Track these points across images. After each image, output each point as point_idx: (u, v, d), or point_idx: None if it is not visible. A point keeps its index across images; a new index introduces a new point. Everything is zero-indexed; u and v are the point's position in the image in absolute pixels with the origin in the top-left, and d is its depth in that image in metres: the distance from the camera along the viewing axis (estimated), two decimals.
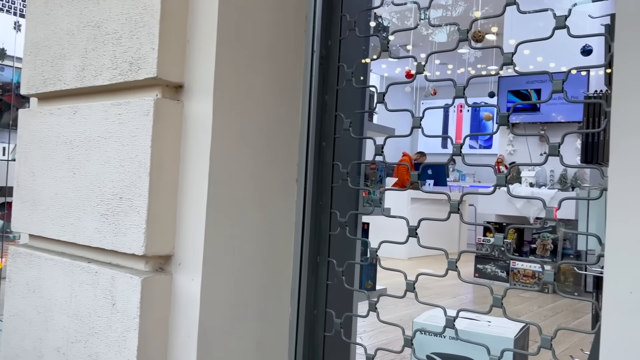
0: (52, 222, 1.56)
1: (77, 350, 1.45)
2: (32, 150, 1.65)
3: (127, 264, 1.38)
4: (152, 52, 1.31)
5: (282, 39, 1.46)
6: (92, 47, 1.47)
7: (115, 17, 1.41)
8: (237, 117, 1.36)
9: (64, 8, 1.57)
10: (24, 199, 1.68)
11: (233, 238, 1.36)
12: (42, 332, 1.57)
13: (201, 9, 1.34)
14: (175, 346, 1.34)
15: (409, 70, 8.26)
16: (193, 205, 1.33)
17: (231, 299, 1.37)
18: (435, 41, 9.28)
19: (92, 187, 1.44)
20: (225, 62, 1.32)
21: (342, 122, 1.48)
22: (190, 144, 1.35)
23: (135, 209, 1.33)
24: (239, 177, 1.37)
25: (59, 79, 1.57)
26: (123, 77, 1.37)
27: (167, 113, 1.33)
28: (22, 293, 1.65)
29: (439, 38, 9.28)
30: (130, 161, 1.34)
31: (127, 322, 1.32)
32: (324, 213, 1.52)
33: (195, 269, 1.31)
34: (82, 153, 1.47)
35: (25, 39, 1.71)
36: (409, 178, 5.26)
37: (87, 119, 1.47)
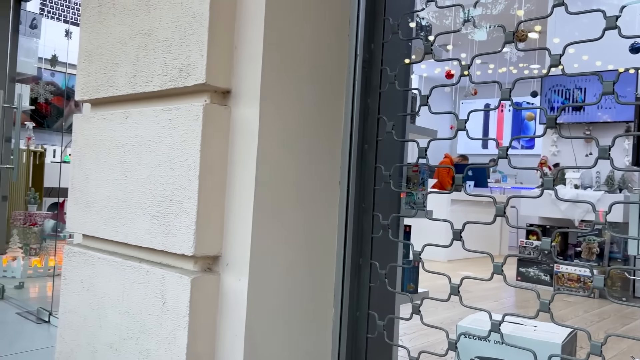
0: (105, 222, 1.63)
1: (128, 346, 1.51)
2: (86, 154, 1.73)
3: (177, 264, 1.43)
4: (201, 59, 1.35)
5: (326, 44, 1.48)
6: (143, 54, 1.52)
7: (165, 25, 1.46)
8: (281, 121, 1.39)
9: (116, 17, 1.63)
10: (78, 201, 1.75)
11: (278, 240, 1.39)
12: (95, 328, 1.63)
13: (248, 15, 1.37)
14: (223, 345, 1.38)
15: (449, 71, 8.17)
16: (240, 208, 1.37)
17: (276, 299, 1.39)
18: (475, 40, 9.14)
19: (144, 190, 1.49)
20: (270, 67, 1.35)
21: (385, 124, 1.49)
22: (237, 148, 1.38)
23: (185, 211, 1.37)
24: (283, 179, 1.40)
25: (112, 86, 1.63)
26: (173, 84, 1.42)
27: (216, 118, 1.37)
28: (76, 291, 1.73)
29: (478, 37, 9.14)
30: (180, 164, 1.39)
31: (177, 321, 1.37)
32: (366, 215, 1.53)
33: (242, 270, 1.35)
34: (134, 157, 1.53)
35: (79, 47, 1.79)
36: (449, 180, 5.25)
37: (138, 124, 1.53)
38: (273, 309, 1.39)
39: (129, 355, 1.51)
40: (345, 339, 1.50)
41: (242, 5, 1.39)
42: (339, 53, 1.51)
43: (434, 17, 8.36)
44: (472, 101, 11.59)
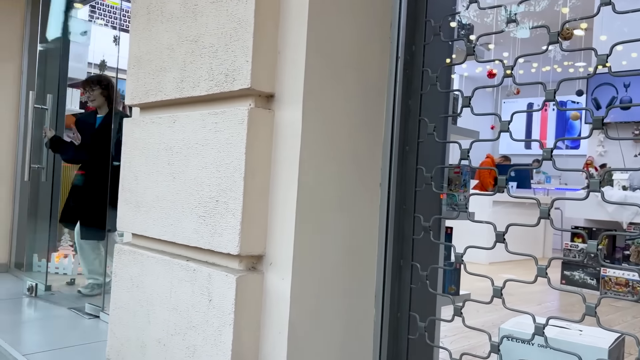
0: (153, 222, 1.69)
1: (176, 342, 1.57)
2: (136, 156, 1.80)
3: (222, 262, 1.47)
4: (246, 64, 1.39)
5: (367, 47, 1.50)
6: (190, 60, 1.58)
7: (211, 31, 1.51)
8: (324, 123, 1.42)
9: (164, 25, 1.70)
10: (128, 201, 1.83)
11: (320, 240, 1.42)
12: (144, 324, 1.70)
13: (291, 21, 1.40)
14: (267, 342, 1.42)
15: (491, 70, 8.03)
16: (283, 208, 1.40)
17: (319, 299, 1.42)
18: (518, 37, 8.94)
19: (191, 191, 1.55)
20: (313, 71, 1.38)
21: (426, 126, 1.49)
22: (281, 150, 1.42)
23: (230, 212, 1.42)
24: (325, 181, 1.43)
25: (160, 90, 1.69)
26: (219, 88, 1.47)
27: (260, 121, 1.41)
28: (126, 288, 1.80)
29: (521, 34, 8.94)
30: (226, 167, 1.43)
31: (223, 318, 1.41)
32: (408, 217, 1.54)
33: (285, 269, 1.38)
34: (181, 159, 1.59)
35: (129, 53, 1.86)
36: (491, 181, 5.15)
37: (185, 127, 1.58)
38: (315, 308, 1.41)
39: (176, 351, 1.56)
40: (387, 339, 1.51)
41: (286, 12, 1.42)
42: (380, 56, 1.53)
43: (474, 15, 8.23)
44: (514, 100, 11.35)
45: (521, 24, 8.18)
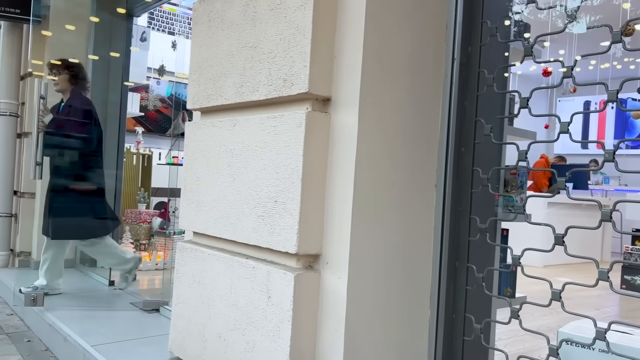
0: (214, 221, 1.76)
1: (236, 337, 1.63)
2: (197, 158, 1.87)
3: (281, 261, 1.52)
4: (304, 69, 1.43)
5: (423, 50, 1.52)
6: (250, 65, 1.63)
7: (270, 38, 1.56)
8: (380, 126, 1.44)
9: (224, 32, 1.76)
10: (190, 201, 1.91)
11: (376, 240, 1.44)
12: (205, 318, 1.77)
13: (348, 26, 1.44)
14: (324, 339, 1.46)
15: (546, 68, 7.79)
16: (339, 209, 1.43)
17: (375, 298, 1.45)
18: (574, 33, 8.63)
19: (250, 192, 1.61)
20: (369, 74, 1.40)
21: (482, 127, 1.49)
22: (337, 152, 1.45)
23: (288, 212, 1.46)
24: (381, 182, 1.45)
25: (220, 95, 1.76)
26: (277, 93, 1.52)
27: (317, 124, 1.45)
28: (188, 283, 1.88)
29: (577, 29, 8.61)
30: (284, 168, 1.48)
31: (282, 314, 1.46)
32: (463, 218, 1.54)
33: (341, 268, 1.41)
34: (241, 161, 1.65)
35: (190, 60, 1.94)
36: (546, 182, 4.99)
37: (245, 131, 1.64)
38: (371, 307, 1.44)
39: (236, 345, 1.62)
40: (442, 340, 1.52)
41: (342, 17, 1.46)
42: (435, 58, 1.54)
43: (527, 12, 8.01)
44: (570, 99, 10.97)
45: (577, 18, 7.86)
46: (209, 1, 1.86)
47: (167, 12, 4.89)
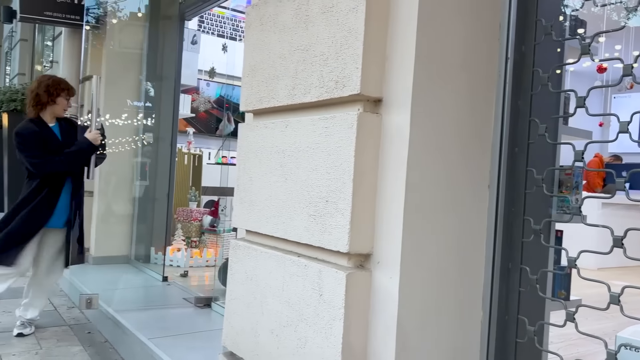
0: (266, 220, 1.81)
1: (288, 333, 1.67)
2: (250, 158, 1.93)
3: (332, 259, 1.55)
4: (356, 71, 1.45)
5: (475, 49, 1.51)
6: (302, 68, 1.67)
7: (322, 40, 1.59)
8: (431, 126, 1.44)
9: (276, 35, 1.80)
10: (243, 200, 1.96)
11: (428, 241, 1.45)
12: (258, 315, 1.82)
13: (400, 28, 1.45)
14: (375, 338, 1.47)
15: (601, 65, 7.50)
16: (391, 209, 1.45)
17: (426, 298, 1.45)
18: (630, 26, 8.28)
19: (302, 191, 1.64)
20: (421, 75, 1.41)
21: (537, 127, 1.47)
22: (388, 153, 1.46)
23: (339, 211, 1.49)
24: (433, 183, 1.45)
25: (273, 97, 1.81)
26: (329, 94, 1.55)
27: (368, 125, 1.47)
28: (241, 280, 1.93)
29: (633, 22, 8.27)
30: (336, 169, 1.51)
31: (333, 312, 1.48)
32: (517, 219, 1.52)
33: (393, 268, 1.42)
34: (293, 161, 1.69)
35: (243, 63, 2.00)
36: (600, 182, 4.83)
37: (297, 132, 1.68)
38: (423, 307, 1.45)
39: (288, 342, 1.66)
40: (494, 342, 1.51)
41: (395, 19, 1.47)
42: (488, 57, 1.53)
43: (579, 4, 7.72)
44: (626, 95, 10.52)
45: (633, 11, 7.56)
46: (261, 6, 1.90)
47: (217, 15, 5.01)
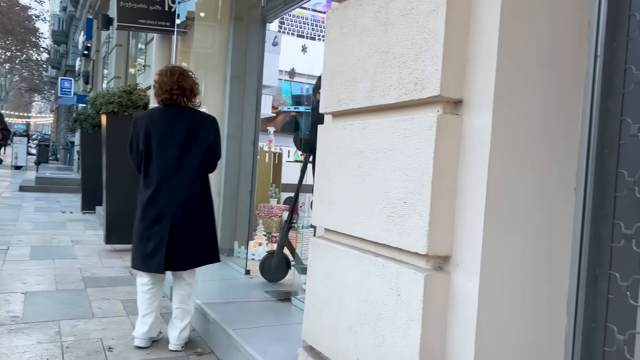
0: (345, 219, 1.85)
1: (366, 331, 1.70)
2: (329, 159, 1.97)
3: (410, 260, 1.56)
4: (435, 72, 1.46)
5: (561, 48, 1.46)
6: (381, 70, 1.69)
7: (401, 42, 1.60)
8: (515, 127, 1.42)
9: (356, 38, 1.84)
10: (322, 199, 2.02)
11: (509, 244, 1.43)
12: (336, 311, 1.87)
13: (482, 28, 1.43)
14: (454, 340, 1.47)
15: None
16: (471, 212, 1.44)
17: (508, 302, 1.43)
18: None
19: (380, 192, 1.66)
20: (504, 76, 1.39)
21: (629, 127, 1.40)
22: (469, 154, 1.45)
23: (418, 213, 1.50)
24: (516, 185, 1.43)
25: (351, 99, 1.84)
26: (408, 96, 1.56)
27: (448, 127, 1.46)
28: (320, 277, 1.99)
29: None
30: (414, 170, 1.52)
31: (411, 313, 1.50)
32: (606, 223, 1.46)
33: (472, 271, 1.42)
34: (371, 162, 1.71)
35: (323, 66, 2.05)
36: None
37: (375, 133, 1.70)
38: (504, 311, 1.43)
39: (366, 340, 1.70)
40: (580, 349, 1.46)
41: (476, 19, 1.45)
42: (576, 56, 1.47)
43: None
44: None
45: None
46: (341, 9, 1.94)
47: (297, 15, 5.14)
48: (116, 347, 2.71)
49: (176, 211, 2.61)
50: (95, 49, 14.19)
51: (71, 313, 3.23)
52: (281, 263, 3.59)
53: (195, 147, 2.66)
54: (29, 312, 3.19)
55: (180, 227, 2.61)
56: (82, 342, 2.75)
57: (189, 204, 2.63)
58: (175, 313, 2.73)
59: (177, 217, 2.61)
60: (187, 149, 2.65)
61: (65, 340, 2.77)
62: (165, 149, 2.64)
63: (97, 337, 2.84)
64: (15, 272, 4.12)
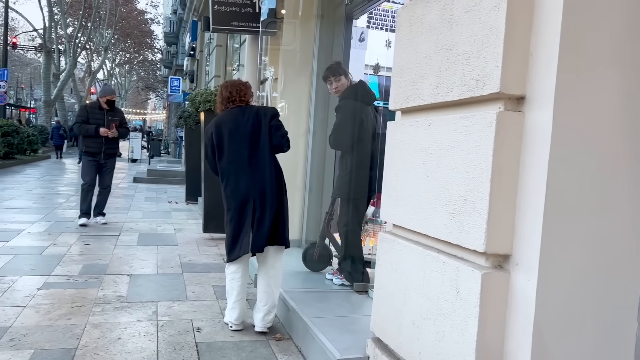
0: (409, 215, 1.88)
1: (427, 326, 1.72)
2: (396, 156, 2.00)
3: (470, 258, 1.56)
4: (496, 69, 1.44)
5: (629, 41, 1.38)
6: (445, 67, 1.69)
7: (465, 39, 1.59)
8: (578, 124, 1.37)
9: (423, 35, 1.85)
10: (389, 195, 2.05)
11: (571, 244, 1.38)
12: (401, 305, 1.90)
13: (544, 23, 1.39)
14: (512, 340, 1.46)
15: None
16: (531, 210, 1.41)
17: (567, 304, 1.39)
18: None
19: (441, 189, 1.67)
20: (565, 71, 1.34)
21: None
22: (530, 152, 1.42)
23: (477, 211, 1.49)
24: (578, 184, 1.38)
25: (418, 96, 1.86)
26: (470, 93, 1.55)
27: (508, 124, 1.44)
28: (386, 271, 2.03)
29: None
30: (474, 168, 1.51)
31: (469, 310, 1.50)
32: None
33: (531, 270, 1.39)
34: (434, 159, 1.72)
35: (393, 63, 2.08)
36: None
37: (438, 130, 1.71)
38: (564, 312, 1.39)
39: (427, 334, 1.72)
40: None
41: (539, 13, 1.42)
42: None
43: None
44: None
45: None
46: (410, 7, 1.96)
47: (385, 9, 5.12)
48: (204, 329, 2.93)
49: (255, 197, 2.83)
50: (199, 50, 15.07)
51: (168, 295, 3.52)
52: (322, 254, 3.73)
53: (261, 136, 2.87)
54: (132, 292, 3.53)
55: (263, 211, 2.83)
56: (175, 322, 3.01)
57: (264, 190, 2.84)
58: (259, 297, 2.91)
59: (256, 203, 2.83)
60: (254, 140, 2.88)
61: (161, 320, 3.04)
62: (235, 144, 2.88)
63: (188, 318, 3.08)
64: (124, 257, 4.56)
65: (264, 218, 2.83)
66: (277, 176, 2.92)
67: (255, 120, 2.89)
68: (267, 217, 2.83)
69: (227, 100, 2.98)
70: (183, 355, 2.56)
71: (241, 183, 2.86)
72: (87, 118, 5.79)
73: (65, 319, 2.96)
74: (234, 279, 2.93)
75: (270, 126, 2.89)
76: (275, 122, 2.92)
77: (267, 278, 2.91)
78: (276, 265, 2.95)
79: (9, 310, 3.03)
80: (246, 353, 2.62)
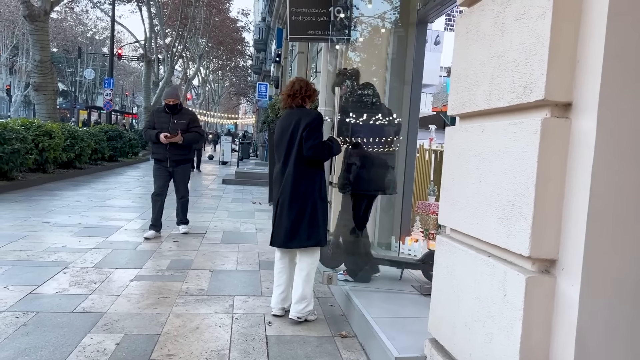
0: (464, 219, 1.91)
1: (477, 328, 1.76)
2: (453, 161, 2.04)
3: (517, 262, 1.58)
4: (541, 76, 1.46)
5: None
6: (497, 74, 1.72)
7: (514, 47, 1.62)
8: (625, 130, 1.36)
9: (478, 43, 1.88)
10: (446, 199, 2.10)
11: (615, 250, 1.38)
12: (455, 307, 1.94)
13: (589, 30, 1.40)
14: (556, 344, 1.47)
15: None
16: (576, 216, 1.42)
17: (613, 311, 1.38)
18: None
19: (492, 194, 1.70)
20: (610, 77, 1.35)
21: None
22: (575, 158, 1.43)
23: (523, 216, 1.52)
24: (625, 191, 1.37)
25: (472, 102, 1.89)
26: (518, 100, 1.57)
27: (554, 130, 1.46)
28: (443, 274, 2.08)
29: None
30: (521, 173, 1.54)
31: (514, 313, 1.53)
32: None
33: (575, 276, 1.40)
34: (486, 164, 1.75)
35: (451, 70, 2.12)
36: None
37: (490, 136, 1.74)
38: (607, 319, 1.38)
39: (477, 336, 1.75)
40: None
41: (585, 21, 1.42)
42: None
43: None
44: None
45: None
46: (467, 14, 1.99)
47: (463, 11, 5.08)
48: (274, 322, 3.10)
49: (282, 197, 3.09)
50: (284, 56, 15.55)
51: (244, 290, 3.75)
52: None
53: (294, 146, 3.05)
54: (212, 286, 3.79)
55: (282, 211, 3.10)
56: (249, 316, 3.21)
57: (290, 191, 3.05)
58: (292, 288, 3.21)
59: (280, 201, 3.10)
60: (289, 148, 3.08)
61: (236, 313, 3.25)
62: (278, 150, 3.17)
63: (260, 313, 3.27)
64: (208, 253, 4.87)
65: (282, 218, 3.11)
66: (305, 187, 3.06)
67: (294, 127, 3.06)
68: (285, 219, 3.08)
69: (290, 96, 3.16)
70: (253, 346, 2.74)
71: (281, 182, 3.13)
72: (153, 123, 5.39)
73: (152, 308, 3.26)
74: (276, 267, 3.30)
75: (301, 137, 3.02)
76: (308, 132, 3.01)
77: (293, 272, 3.24)
78: (301, 264, 3.18)
79: (105, 299, 3.38)
80: (312, 347, 2.75)
